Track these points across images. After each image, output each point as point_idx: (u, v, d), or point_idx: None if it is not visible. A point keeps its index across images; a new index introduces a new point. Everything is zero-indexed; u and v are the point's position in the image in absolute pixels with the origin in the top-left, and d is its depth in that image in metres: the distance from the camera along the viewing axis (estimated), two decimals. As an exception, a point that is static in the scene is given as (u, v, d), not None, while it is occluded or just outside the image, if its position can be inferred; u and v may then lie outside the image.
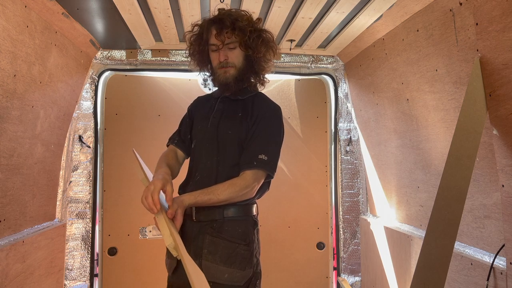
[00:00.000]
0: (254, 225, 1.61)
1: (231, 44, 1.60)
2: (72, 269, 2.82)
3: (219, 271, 1.48)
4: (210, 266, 1.48)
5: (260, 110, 1.63)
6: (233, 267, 1.49)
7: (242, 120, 1.61)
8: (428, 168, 2.07)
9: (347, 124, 3.14)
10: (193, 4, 2.02)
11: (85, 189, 2.88)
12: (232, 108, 1.67)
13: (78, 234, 2.85)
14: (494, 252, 1.57)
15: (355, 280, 3.10)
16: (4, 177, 1.87)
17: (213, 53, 1.65)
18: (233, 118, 1.63)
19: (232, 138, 1.60)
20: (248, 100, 1.68)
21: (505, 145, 1.38)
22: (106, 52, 2.83)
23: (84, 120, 2.87)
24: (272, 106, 1.68)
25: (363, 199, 3.11)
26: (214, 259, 1.49)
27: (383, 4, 1.94)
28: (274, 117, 1.64)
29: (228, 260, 1.49)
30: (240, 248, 1.51)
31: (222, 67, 1.63)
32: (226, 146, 1.60)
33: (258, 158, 1.53)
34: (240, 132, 1.60)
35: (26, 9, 1.77)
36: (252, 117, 1.60)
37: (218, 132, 1.62)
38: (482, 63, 1.42)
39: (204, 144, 1.65)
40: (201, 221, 1.54)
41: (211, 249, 1.50)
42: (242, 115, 1.62)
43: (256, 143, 1.56)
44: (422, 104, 2.01)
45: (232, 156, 1.58)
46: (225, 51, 1.61)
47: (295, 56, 3.02)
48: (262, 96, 1.72)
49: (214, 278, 1.46)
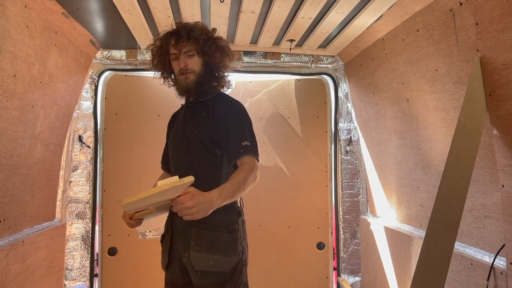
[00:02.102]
0: (238, 215, 1.72)
1: (189, 52, 1.75)
2: (72, 269, 2.82)
3: (205, 259, 1.58)
4: (197, 256, 1.59)
5: (225, 106, 1.78)
6: (217, 254, 1.59)
7: (206, 119, 1.74)
8: (428, 168, 2.07)
9: (347, 124, 3.14)
10: (193, 4, 2.02)
11: (85, 189, 2.88)
12: (195, 110, 1.81)
13: (78, 234, 2.85)
14: (494, 252, 1.57)
15: (355, 280, 3.10)
16: (4, 177, 1.87)
17: (173, 61, 1.81)
18: (197, 119, 1.78)
19: (199, 137, 1.72)
20: (210, 101, 1.81)
21: (505, 145, 1.38)
22: (106, 52, 2.83)
23: (84, 120, 2.87)
24: (234, 101, 1.82)
25: (363, 199, 3.11)
26: (200, 249, 1.60)
27: (383, 4, 1.94)
28: (239, 109, 1.78)
29: (213, 248, 1.59)
30: (223, 235, 1.62)
31: (182, 73, 1.77)
32: (196, 145, 1.72)
33: (242, 145, 1.67)
34: (206, 129, 1.72)
35: (26, 9, 1.77)
36: (219, 114, 1.73)
37: (186, 134, 1.76)
38: (482, 63, 1.42)
39: (176, 150, 1.80)
40: None
41: (197, 240, 1.61)
42: (205, 115, 1.76)
43: (234, 135, 1.69)
44: (422, 104, 2.01)
45: (203, 152, 1.71)
46: (184, 59, 1.76)
47: (295, 56, 3.02)
48: (223, 95, 1.87)
49: (201, 267, 1.58)
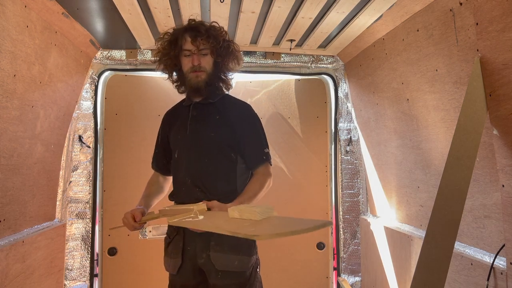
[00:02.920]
0: None
1: (204, 50, 1.74)
2: (72, 269, 2.82)
3: (229, 259, 1.61)
4: (220, 256, 1.61)
5: (238, 109, 1.80)
6: (241, 254, 1.62)
7: (221, 122, 1.75)
8: (428, 168, 2.07)
9: (347, 124, 3.14)
10: (193, 4, 2.02)
11: (85, 189, 2.88)
12: (206, 112, 1.78)
13: (78, 234, 2.85)
14: (494, 252, 1.57)
15: (355, 280, 3.10)
16: (4, 177, 1.87)
17: (185, 58, 1.76)
18: (211, 121, 1.76)
19: (214, 140, 1.72)
20: (219, 102, 1.81)
21: (505, 145, 1.38)
22: (106, 52, 2.83)
23: (84, 120, 2.87)
24: (245, 105, 1.85)
25: (363, 199, 3.11)
26: (222, 249, 1.61)
27: (383, 4, 1.94)
28: (253, 114, 1.82)
29: (236, 248, 1.62)
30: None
31: (194, 71, 1.74)
32: (211, 148, 1.72)
33: (264, 152, 1.73)
34: (221, 132, 1.73)
35: (26, 9, 1.77)
36: (233, 117, 1.75)
37: (200, 136, 1.73)
38: (482, 63, 1.42)
39: (187, 151, 1.75)
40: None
41: (218, 241, 1.62)
42: (218, 117, 1.76)
43: (254, 141, 1.74)
44: (422, 104, 2.01)
45: (219, 155, 1.71)
46: (198, 57, 1.73)
47: (295, 56, 3.02)
48: (230, 97, 1.88)
49: (225, 267, 1.60)
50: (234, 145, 1.72)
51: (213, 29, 1.75)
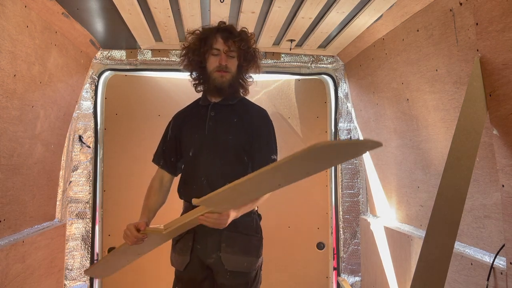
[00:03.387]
0: (259, 218, 1.85)
1: (232, 53, 1.78)
2: (72, 269, 2.82)
3: (239, 261, 1.68)
4: (230, 258, 1.68)
5: (256, 115, 1.84)
6: (250, 256, 1.71)
7: (239, 126, 1.78)
8: (428, 168, 2.07)
9: (347, 124, 3.14)
10: (193, 4, 2.02)
11: (85, 189, 2.88)
12: (225, 113, 1.81)
13: (78, 234, 2.85)
14: (494, 252, 1.57)
15: (355, 280, 3.10)
16: (4, 177, 1.87)
17: (213, 57, 1.78)
18: (230, 123, 1.79)
19: (233, 143, 1.76)
20: (238, 105, 1.85)
21: (505, 145, 1.38)
22: (106, 52, 2.83)
23: (84, 120, 2.87)
24: (263, 111, 1.88)
25: (363, 199, 3.11)
26: (233, 251, 1.68)
27: (383, 4, 1.94)
28: (269, 120, 1.86)
29: (246, 250, 1.71)
30: (253, 239, 1.75)
31: (220, 70, 1.76)
32: (229, 150, 1.75)
33: (271, 158, 1.77)
34: (240, 137, 1.76)
35: (26, 9, 1.77)
36: (251, 122, 1.79)
37: (219, 137, 1.76)
38: (482, 63, 1.42)
39: (205, 150, 1.77)
40: None
41: (229, 243, 1.69)
42: (237, 121, 1.79)
43: (266, 147, 1.79)
44: (422, 104, 2.01)
45: (235, 159, 1.76)
46: (226, 57, 1.77)
47: (295, 56, 3.02)
48: (248, 102, 1.92)
49: (234, 267, 1.68)
50: (248, 149, 1.77)
51: (244, 34, 1.81)
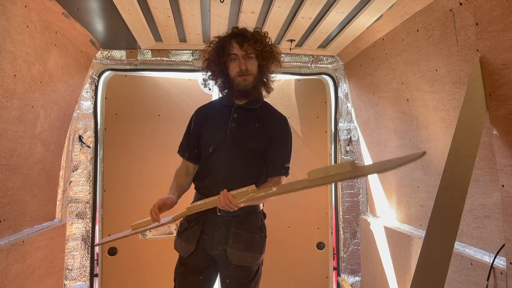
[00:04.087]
0: (264, 216, 1.93)
1: (250, 54, 1.83)
2: (72, 269, 2.82)
3: (243, 256, 1.79)
4: (235, 253, 1.78)
5: (276, 122, 1.91)
6: (254, 252, 1.81)
7: (260, 131, 1.86)
8: (428, 168, 2.07)
9: (347, 124, 3.14)
10: (193, 4, 2.02)
11: (85, 189, 2.88)
12: (247, 117, 1.88)
13: (78, 234, 2.85)
14: (494, 252, 1.57)
15: (355, 280, 3.10)
16: (4, 177, 1.87)
17: (233, 62, 1.85)
18: (251, 128, 1.87)
19: (252, 147, 1.84)
20: (260, 110, 1.91)
21: (505, 145, 1.38)
22: (106, 52, 2.83)
23: (84, 120, 2.87)
24: (284, 118, 1.94)
25: (363, 199, 3.11)
26: (238, 247, 1.79)
27: (383, 4, 1.95)
28: (288, 130, 1.93)
29: (250, 247, 1.80)
30: (258, 237, 1.84)
31: (242, 75, 1.82)
32: (247, 153, 1.84)
33: (285, 166, 1.86)
34: (260, 142, 1.85)
35: (26, 9, 1.77)
36: (270, 129, 1.87)
37: (238, 140, 1.84)
38: (482, 63, 1.42)
39: (224, 150, 1.85)
40: (224, 215, 1.79)
41: (235, 239, 1.79)
42: (258, 126, 1.87)
43: (281, 154, 1.87)
44: (422, 104, 2.01)
45: (252, 162, 1.84)
46: (245, 61, 1.82)
47: (295, 56, 3.02)
48: (270, 107, 1.98)
49: (239, 262, 1.79)
50: (265, 153, 1.87)
51: (258, 34, 1.85)
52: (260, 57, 1.84)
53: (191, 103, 3.13)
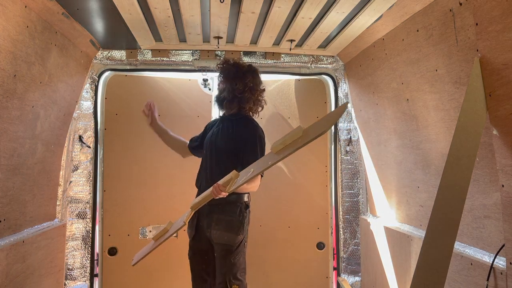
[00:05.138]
0: (246, 207, 2.31)
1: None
2: (72, 269, 2.82)
3: (222, 235, 2.23)
4: (217, 233, 2.23)
5: (247, 129, 2.32)
6: (231, 232, 2.23)
7: (232, 135, 2.31)
8: (428, 168, 2.07)
9: (347, 124, 3.14)
10: (193, 4, 2.02)
11: (85, 189, 2.88)
12: (226, 125, 2.36)
13: (78, 234, 2.85)
14: (494, 252, 1.57)
15: (355, 280, 3.10)
16: (4, 177, 1.87)
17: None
18: (226, 133, 2.34)
19: (224, 147, 2.31)
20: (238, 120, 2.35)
21: (505, 145, 1.38)
22: (106, 52, 2.84)
23: (84, 120, 2.87)
24: (253, 126, 2.35)
25: (363, 199, 3.11)
26: (219, 228, 2.23)
27: (383, 4, 1.95)
28: (256, 134, 2.31)
29: (228, 228, 2.23)
30: (234, 219, 2.24)
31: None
32: (221, 153, 2.32)
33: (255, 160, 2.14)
34: (231, 143, 2.29)
35: (26, 9, 1.77)
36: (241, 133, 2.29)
37: (216, 142, 2.35)
38: (482, 63, 1.42)
39: (209, 151, 2.38)
40: (211, 204, 2.16)
41: (217, 222, 2.25)
42: (231, 131, 2.32)
43: (250, 151, 2.24)
44: (422, 104, 2.01)
45: (226, 159, 2.28)
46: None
47: (295, 56, 3.02)
48: (249, 118, 2.39)
49: (219, 240, 2.23)
50: (236, 153, 2.27)
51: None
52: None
53: (191, 103, 3.13)
